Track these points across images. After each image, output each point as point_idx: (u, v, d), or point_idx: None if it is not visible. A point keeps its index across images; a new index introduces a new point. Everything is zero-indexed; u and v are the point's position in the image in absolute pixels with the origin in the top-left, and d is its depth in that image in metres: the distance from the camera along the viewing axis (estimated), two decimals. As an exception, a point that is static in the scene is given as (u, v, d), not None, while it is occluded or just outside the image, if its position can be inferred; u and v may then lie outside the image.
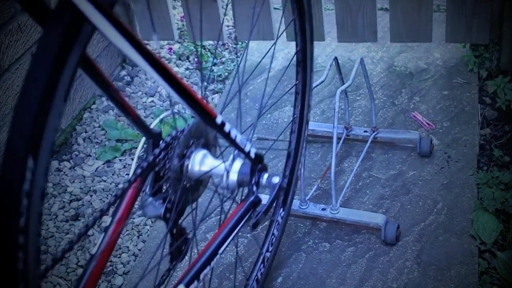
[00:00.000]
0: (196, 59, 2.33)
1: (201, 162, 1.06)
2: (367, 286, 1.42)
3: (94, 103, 2.19)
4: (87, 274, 0.92)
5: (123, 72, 2.32)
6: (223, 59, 2.33)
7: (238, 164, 1.11)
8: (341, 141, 1.77)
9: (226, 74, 2.24)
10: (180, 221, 1.05)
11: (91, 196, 1.80)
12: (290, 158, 1.45)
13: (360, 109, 1.95)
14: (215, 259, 1.10)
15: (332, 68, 1.62)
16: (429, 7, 2.03)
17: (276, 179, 1.16)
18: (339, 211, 1.55)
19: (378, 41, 2.17)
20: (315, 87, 1.48)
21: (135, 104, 2.17)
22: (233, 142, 1.10)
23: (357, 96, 2.01)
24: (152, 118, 2.08)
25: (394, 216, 1.58)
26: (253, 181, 1.14)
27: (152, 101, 2.17)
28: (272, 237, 1.43)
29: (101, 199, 1.79)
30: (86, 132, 2.07)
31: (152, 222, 1.69)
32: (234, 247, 1.52)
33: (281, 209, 1.45)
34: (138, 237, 1.66)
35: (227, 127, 1.06)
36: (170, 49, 2.40)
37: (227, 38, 2.41)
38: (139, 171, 0.96)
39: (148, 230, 1.67)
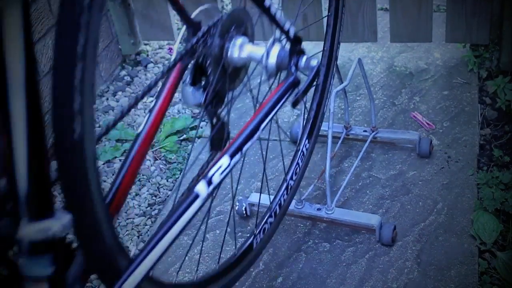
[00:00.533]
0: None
1: (240, 48, 1.11)
2: (367, 286, 1.42)
3: (94, 103, 2.19)
4: (135, 149, 1.00)
5: (123, 72, 2.32)
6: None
7: (276, 48, 1.17)
8: (340, 141, 1.77)
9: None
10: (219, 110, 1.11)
11: None
12: (317, 92, 1.52)
13: (360, 109, 1.95)
14: (257, 134, 1.14)
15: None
16: (429, 7, 2.03)
17: (314, 62, 1.24)
18: (334, 211, 1.55)
19: (378, 41, 2.18)
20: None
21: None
22: (273, 19, 1.17)
23: (357, 96, 2.02)
24: (152, 118, 2.08)
25: (394, 216, 1.58)
26: (292, 63, 1.21)
27: (152, 101, 2.17)
28: (297, 166, 1.47)
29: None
30: (86, 132, 2.07)
31: (152, 222, 1.69)
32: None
33: (307, 141, 1.50)
34: (138, 237, 1.66)
35: (267, 2, 1.14)
36: (170, 49, 2.41)
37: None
38: (179, 56, 1.01)
39: (148, 230, 1.67)
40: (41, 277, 0.76)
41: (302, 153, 1.49)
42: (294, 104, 1.24)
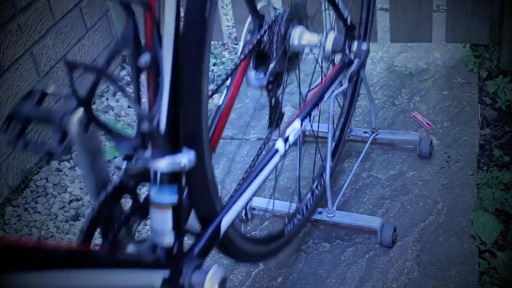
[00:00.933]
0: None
1: (299, 36, 1.30)
2: (367, 286, 1.43)
3: (94, 103, 2.20)
4: (217, 118, 1.17)
5: (123, 72, 2.33)
6: (223, 59, 2.33)
7: (332, 35, 1.41)
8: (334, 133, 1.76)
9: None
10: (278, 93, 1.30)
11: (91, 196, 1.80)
12: (342, 116, 1.71)
13: (360, 109, 1.95)
14: (322, 102, 1.40)
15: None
16: (429, 7, 2.03)
17: (364, 46, 1.49)
18: (335, 214, 1.55)
19: (378, 41, 2.18)
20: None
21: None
22: (336, 7, 1.44)
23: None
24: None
25: (394, 216, 1.59)
26: (346, 46, 1.46)
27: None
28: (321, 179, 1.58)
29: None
30: (86, 132, 2.07)
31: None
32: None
33: (331, 159, 1.61)
34: (138, 237, 1.66)
35: None
36: None
37: (227, 38, 2.41)
38: (247, 48, 1.22)
39: (148, 230, 1.67)
40: (167, 204, 0.93)
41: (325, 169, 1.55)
42: (350, 79, 1.50)
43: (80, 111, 0.81)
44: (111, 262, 0.85)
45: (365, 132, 1.79)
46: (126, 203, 0.93)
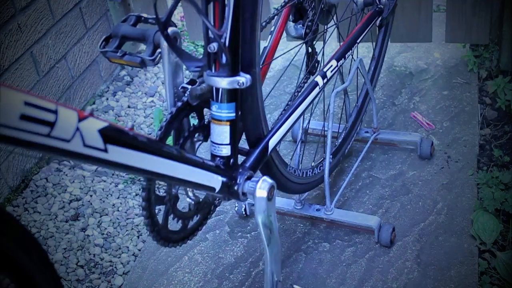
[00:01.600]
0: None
1: None
2: (367, 286, 1.42)
3: (94, 103, 2.20)
4: (261, 63, 1.28)
5: (123, 72, 2.33)
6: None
7: None
8: (340, 138, 1.76)
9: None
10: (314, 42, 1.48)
11: (91, 196, 1.81)
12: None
13: (360, 109, 1.95)
14: (354, 46, 1.50)
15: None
16: (429, 7, 2.03)
17: None
18: (333, 212, 1.55)
19: (378, 41, 2.17)
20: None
21: (135, 104, 2.17)
22: None
23: (357, 96, 2.01)
24: (152, 118, 2.08)
25: (394, 216, 1.59)
26: None
27: (152, 101, 2.18)
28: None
29: (101, 199, 1.79)
30: (86, 132, 2.07)
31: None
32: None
33: (331, 156, 1.67)
34: (138, 237, 1.66)
35: None
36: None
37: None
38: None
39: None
40: (226, 119, 1.11)
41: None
42: (380, 26, 1.61)
43: (170, 29, 0.99)
44: (182, 156, 1.03)
45: (366, 132, 1.79)
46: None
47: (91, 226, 1.71)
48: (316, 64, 1.50)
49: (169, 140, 1.09)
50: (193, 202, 1.19)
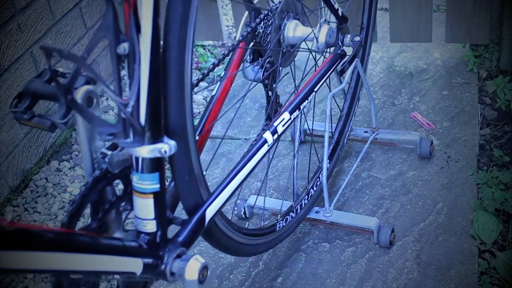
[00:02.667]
0: (196, 59, 2.33)
1: (294, 29, 1.36)
2: (367, 286, 1.42)
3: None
4: (209, 108, 1.22)
5: (123, 72, 2.32)
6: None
7: (325, 28, 1.44)
8: (333, 134, 1.75)
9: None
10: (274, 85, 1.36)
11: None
12: (341, 121, 1.71)
13: (360, 109, 1.95)
14: (311, 96, 1.39)
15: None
16: (429, 7, 2.03)
17: (357, 38, 1.50)
18: (332, 214, 1.55)
19: (378, 41, 2.18)
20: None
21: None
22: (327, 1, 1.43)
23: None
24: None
25: (394, 216, 1.58)
26: (339, 39, 1.47)
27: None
28: (317, 179, 1.58)
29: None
30: (86, 132, 2.07)
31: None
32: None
33: (328, 160, 1.63)
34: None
35: None
36: None
37: (227, 38, 2.41)
38: (244, 34, 1.26)
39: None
40: (149, 191, 0.97)
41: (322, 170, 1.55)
42: (342, 72, 1.50)
43: (85, 88, 0.88)
44: (94, 246, 0.89)
45: (366, 132, 1.79)
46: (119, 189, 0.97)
47: (91, 226, 1.71)
48: (278, 108, 1.38)
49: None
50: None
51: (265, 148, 1.24)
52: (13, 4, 1.80)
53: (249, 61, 1.32)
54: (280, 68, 1.37)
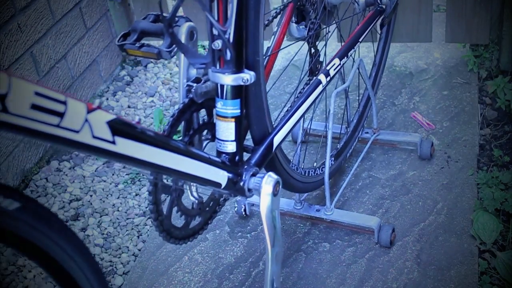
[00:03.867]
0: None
1: None
2: (367, 286, 1.43)
3: (93, 103, 2.20)
4: (265, 62, 1.33)
5: (123, 72, 2.33)
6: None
7: None
8: (342, 141, 1.76)
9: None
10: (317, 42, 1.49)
11: (91, 196, 1.81)
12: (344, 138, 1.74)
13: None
14: (357, 44, 1.52)
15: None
16: (429, 7, 2.03)
17: None
18: (333, 212, 1.55)
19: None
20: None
21: (135, 104, 2.17)
22: None
23: (357, 96, 2.01)
24: (152, 118, 2.08)
25: (394, 216, 1.59)
26: None
27: (152, 101, 2.18)
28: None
29: (101, 199, 1.79)
30: (86, 132, 2.07)
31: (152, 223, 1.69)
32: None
33: (332, 159, 1.66)
34: (138, 237, 1.66)
35: None
36: None
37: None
38: None
39: (148, 230, 1.68)
40: (231, 116, 1.12)
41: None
42: (382, 25, 1.64)
43: (187, 24, 1.06)
44: (188, 151, 1.05)
45: (367, 133, 1.79)
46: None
47: (91, 226, 1.71)
48: (318, 65, 1.51)
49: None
50: (196, 202, 1.20)
51: (320, 88, 1.38)
52: (13, 4, 1.80)
53: (294, 21, 1.44)
54: (324, 27, 1.52)
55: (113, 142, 0.85)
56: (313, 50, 1.49)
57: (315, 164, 1.60)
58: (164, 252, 1.59)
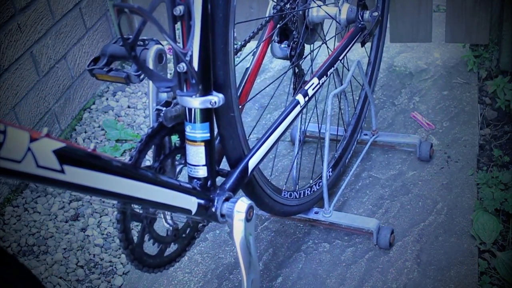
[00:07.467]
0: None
1: (317, 9, 1.47)
2: (367, 287, 1.43)
3: (94, 103, 2.20)
4: (243, 83, 1.34)
5: (123, 72, 2.32)
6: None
7: (346, 6, 1.52)
8: (341, 143, 1.76)
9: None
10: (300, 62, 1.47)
11: (90, 196, 1.80)
12: (342, 144, 1.73)
13: (360, 109, 1.95)
14: (337, 63, 1.49)
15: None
16: (429, 7, 2.04)
17: (375, 13, 1.58)
18: (332, 215, 1.55)
19: (378, 41, 2.17)
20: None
21: (135, 104, 2.18)
22: None
23: (356, 97, 2.01)
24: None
25: (394, 216, 1.59)
26: (359, 13, 1.56)
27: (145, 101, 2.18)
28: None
29: (100, 199, 1.79)
30: (86, 132, 2.07)
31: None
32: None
33: (331, 169, 1.64)
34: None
35: None
36: (170, 49, 2.41)
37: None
38: (273, 11, 1.38)
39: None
40: (201, 140, 1.09)
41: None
42: (363, 43, 1.58)
43: (156, 47, 1.04)
44: (155, 178, 1.02)
45: (366, 134, 1.79)
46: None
47: (91, 226, 1.71)
48: (303, 84, 1.46)
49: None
50: (171, 228, 1.16)
51: (297, 108, 1.35)
52: (13, 4, 1.80)
53: (276, 41, 1.43)
54: (305, 45, 1.49)
55: (62, 171, 0.82)
56: (297, 70, 1.47)
57: (311, 182, 1.58)
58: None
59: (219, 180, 1.17)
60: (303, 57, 1.45)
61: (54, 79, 2.01)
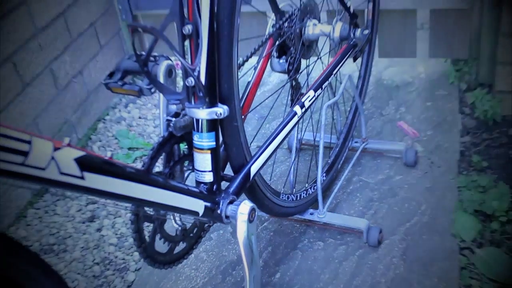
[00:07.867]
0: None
1: (313, 27, 1.48)
2: (358, 281, 1.44)
3: (107, 114, 2.22)
4: (245, 95, 1.34)
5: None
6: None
7: (339, 24, 1.53)
8: (333, 150, 1.78)
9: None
10: (297, 76, 1.46)
11: (106, 200, 1.82)
12: (334, 152, 1.75)
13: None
14: (331, 77, 1.51)
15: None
16: (413, 25, 2.06)
17: (366, 31, 1.60)
18: (326, 215, 1.57)
19: (367, 56, 2.19)
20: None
21: (145, 115, 2.19)
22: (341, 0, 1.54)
23: (348, 108, 2.03)
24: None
25: (382, 217, 1.60)
26: (351, 31, 1.58)
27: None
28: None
29: (114, 202, 1.81)
30: (100, 141, 2.09)
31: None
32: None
33: (324, 174, 1.61)
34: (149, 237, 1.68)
35: None
36: (178, 64, 2.43)
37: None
38: (272, 29, 1.40)
39: (149, 230, 1.69)
40: (207, 148, 1.11)
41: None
42: (355, 59, 1.59)
43: (166, 62, 1.05)
44: (165, 183, 1.04)
45: (356, 142, 1.81)
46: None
47: (106, 227, 1.73)
48: (300, 96, 1.49)
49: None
50: (180, 228, 1.19)
51: (295, 119, 1.36)
52: (33, 23, 1.82)
53: (275, 56, 1.45)
54: (301, 60, 1.50)
55: (82, 177, 0.84)
56: (294, 83, 1.49)
57: (306, 185, 1.59)
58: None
59: (224, 184, 1.20)
60: (300, 71, 1.48)
61: (71, 93, 2.03)
